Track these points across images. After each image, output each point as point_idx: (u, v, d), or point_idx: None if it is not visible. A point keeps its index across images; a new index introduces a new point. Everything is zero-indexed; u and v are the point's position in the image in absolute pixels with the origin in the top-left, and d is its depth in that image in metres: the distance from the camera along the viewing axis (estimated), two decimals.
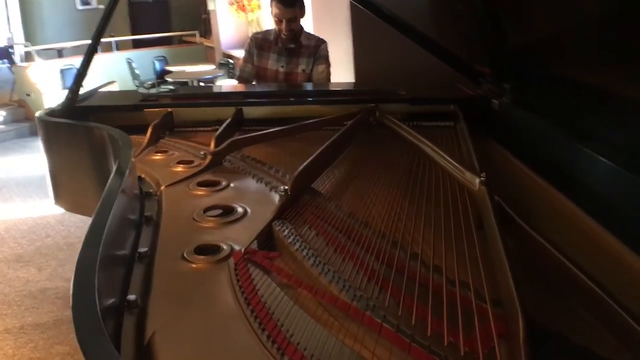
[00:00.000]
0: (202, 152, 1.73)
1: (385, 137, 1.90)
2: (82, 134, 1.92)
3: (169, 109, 2.15)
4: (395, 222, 1.26)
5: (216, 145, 1.73)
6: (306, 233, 1.20)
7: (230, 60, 6.93)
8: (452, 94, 2.11)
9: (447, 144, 1.81)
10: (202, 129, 2.13)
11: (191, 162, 1.72)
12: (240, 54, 7.09)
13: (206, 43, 8.05)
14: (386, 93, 2.16)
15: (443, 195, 1.38)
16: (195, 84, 6.36)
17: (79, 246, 0.96)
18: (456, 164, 1.46)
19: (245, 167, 1.65)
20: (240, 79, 3.00)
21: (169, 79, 6.54)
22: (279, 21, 2.77)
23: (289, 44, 2.87)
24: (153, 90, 7.17)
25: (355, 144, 1.82)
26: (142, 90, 7.08)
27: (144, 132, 2.09)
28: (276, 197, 1.41)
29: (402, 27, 2.02)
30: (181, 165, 1.70)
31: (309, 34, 2.90)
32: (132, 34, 8.88)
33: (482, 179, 1.29)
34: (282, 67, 2.92)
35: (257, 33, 3.01)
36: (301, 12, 2.79)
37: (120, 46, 8.00)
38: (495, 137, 1.79)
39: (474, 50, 1.98)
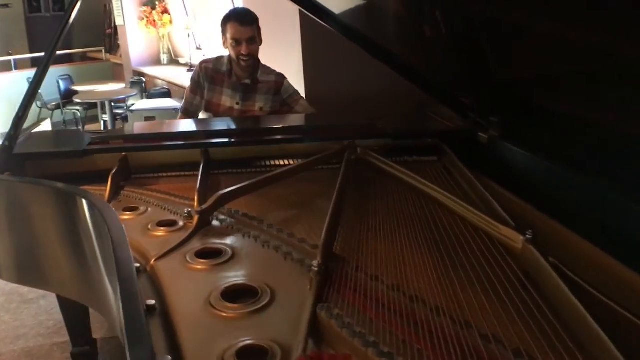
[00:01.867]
0: (186, 210, 1.46)
1: (371, 178, 1.73)
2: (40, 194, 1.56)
3: (123, 153, 1.84)
4: (441, 291, 1.10)
5: (201, 202, 1.47)
6: (356, 316, 1.01)
7: (143, 79, 6.44)
8: (433, 126, 2.00)
9: (438, 181, 1.69)
10: (164, 174, 1.84)
11: (174, 223, 1.44)
12: (153, 71, 6.64)
13: (113, 60, 7.44)
14: (364, 127, 2.00)
15: (478, 252, 1.24)
16: (106, 104, 5.83)
17: None
18: (484, 217, 1.33)
19: (240, 226, 1.41)
20: (186, 113, 2.69)
21: (77, 100, 5.93)
22: (236, 44, 2.50)
23: (245, 79, 2.61)
24: (58, 112, 6.54)
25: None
26: (46, 111, 6.43)
27: (95, 181, 1.77)
28: (295, 268, 1.20)
29: (373, 49, 1.85)
30: (163, 229, 1.41)
31: (265, 67, 2.66)
32: (31, 52, 7.97)
33: (528, 237, 1.17)
34: (238, 104, 2.65)
35: (206, 62, 2.71)
36: (259, 35, 2.55)
37: (18, 65, 7.15)
38: (486, 172, 1.70)
39: (454, 81, 1.87)
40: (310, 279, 1.12)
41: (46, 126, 2.44)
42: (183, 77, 5.99)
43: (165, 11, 6.48)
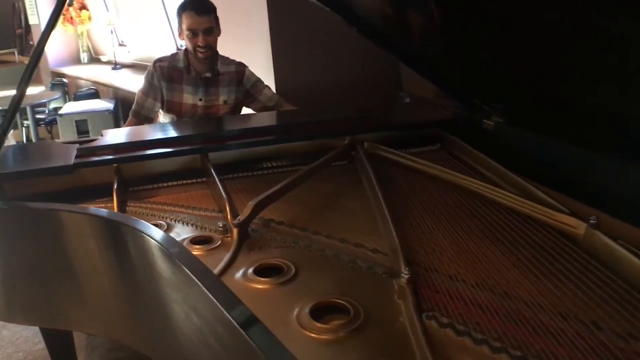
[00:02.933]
0: (220, 224, 1.30)
1: (383, 172, 1.65)
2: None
3: (116, 165, 1.62)
4: (527, 285, 1.05)
5: (233, 212, 1.31)
6: (466, 323, 0.93)
7: (65, 80, 5.89)
8: (431, 115, 1.94)
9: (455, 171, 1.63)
10: (164, 184, 1.64)
11: (209, 239, 1.28)
12: (74, 71, 6.08)
13: (27, 62, 6.70)
14: (364, 120, 1.91)
15: (540, 242, 1.20)
16: (27, 110, 5.26)
17: None
18: (536, 205, 1.30)
19: (283, 236, 1.28)
20: (137, 117, 2.44)
21: None
22: (192, 35, 2.29)
23: (205, 73, 2.42)
24: None
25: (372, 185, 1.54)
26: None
27: (85, 198, 1.56)
28: (369, 277, 1.10)
29: (369, 33, 1.75)
30: (200, 247, 1.25)
31: (224, 57, 2.47)
32: None
33: (592, 222, 1.15)
34: (201, 100, 2.45)
35: (160, 60, 2.46)
36: (217, 25, 2.36)
37: None
38: (497, 159, 1.68)
39: (453, 67, 1.83)
40: (396, 288, 1.04)
41: None
42: (109, 76, 5.55)
43: (83, 7, 5.94)
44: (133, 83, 5.10)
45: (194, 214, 1.42)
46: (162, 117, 2.53)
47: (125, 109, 5.11)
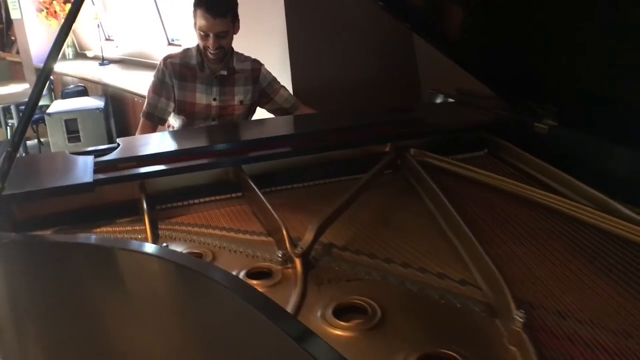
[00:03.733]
0: (280, 254, 1.10)
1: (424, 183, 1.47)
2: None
3: (141, 181, 1.40)
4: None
5: (291, 239, 1.12)
6: None
7: (51, 77, 5.54)
8: (476, 118, 1.77)
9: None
10: (196, 200, 1.43)
11: (268, 272, 1.09)
12: (59, 67, 5.72)
13: (10, 58, 6.31)
14: (405, 122, 1.71)
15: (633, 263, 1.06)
16: (12, 108, 4.93)
17: None
18: (612, 218, 1.14)
19: (353, 266, 1.08)
20: (150, 119, 2.21)
21: None
22: (204, 36, 2.07)
23: (220, 70, 2.20)
24: None
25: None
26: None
27: (104, 218, 1.35)
28: (467, 318, 0.92)
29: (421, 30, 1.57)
30: (259, 282, 1.04)
31: (239, 54, 2.26)
32: None
33: None
34: (215, 99, 2.22)
35: (170, 57, 2.23)
36: (234, 26, 2.13)
37: None
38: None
39: (504, 66, 1.66)
40: (503, 331, 0.87)
41: None
42: (96, 72, 5.24)
43: (67, 0, 5.59)
44: (123, 79, 4.81)
45: (238, 238, 1.22)
46: (172, 120, 2.30)
47: (116, 106, 4.83)
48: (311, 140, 1.59)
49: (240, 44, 2.24)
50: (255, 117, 2.37)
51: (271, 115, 2.37)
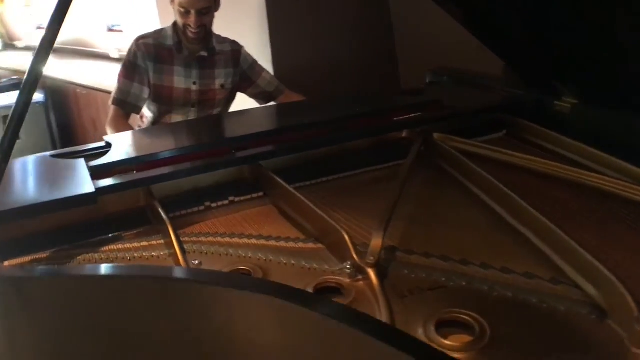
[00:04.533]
0: (347, 265, 0.93)
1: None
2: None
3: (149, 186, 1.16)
4: None
5: (355, 246, 0.94)
6: None
7: None
8: (493, 98, 1.65)
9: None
10: (213, 204, 1.21)
11: (338, 286, 0.90)
12: None
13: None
14: (423, 106, 1.56)
15: None
16: None
17: None
18: None
19: (428, 272, 0.92)
20: (123, 106, 1.94)
21: None
22: (184, 13, 1.83)
23: (200, 51, 1.96)
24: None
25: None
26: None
27: (108, 231, 1.12)
28: (589, 331, 0.79)
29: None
30: (336, 300, 0.87)
31: (217, 35, 2.02)
32: None
33: None
34: (195, 83, 1.99)
35: (143, 37, 1.96)
36: (216, 1, 1.90)
37: None
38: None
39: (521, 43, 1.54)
40: (630, 335, 0.75)
41: None
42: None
43: None
44: (62, 70, 4.33)
45: (281, 247, 1.02)
46: (146, 109, 2.03)
47: (56, 100, 4.36)
48: (331, 129, 1.41)
49: (217, 25, 2.00)
50: (235, 104, 2.15)
51: (253, 102, 2.16)
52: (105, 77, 3.58)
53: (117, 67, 2.01)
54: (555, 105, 1.53)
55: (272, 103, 2.13)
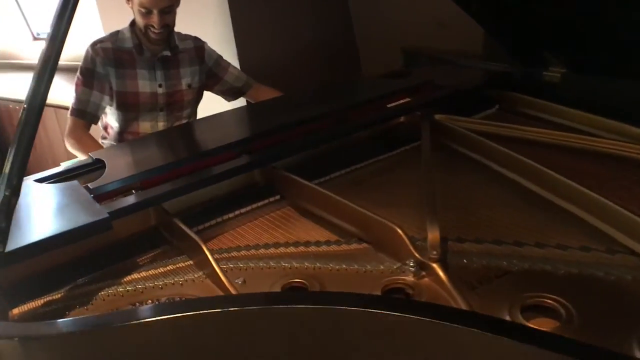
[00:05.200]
0: (410, 263, 0.88)
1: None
2: None
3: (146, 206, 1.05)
4: None
5: (415, 245, 0.88)
6: None
7: None
8: (479, 75, 1.65)
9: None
10: (230, 214, 1.12)
11: (405, 286, 0.85)
12: None
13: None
14: (416, 89, 1.53)
15: None
16: None
17: None
18: None
19: (488, 259, 0.89)
20: (82, 116, 1.77)
21: None
22: (145, 13, 1.69)
23: (162, 51, 1.82)
24: None
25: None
26: None
27: (122, 257, 1.01)
28: None
29: None
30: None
31: (178, 33, 1.88)
32: None
33: None
34: (160, 85, 1.85)
35: (100, 42, 1.78)
36: None
37: None
38: None
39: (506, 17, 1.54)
40: None
41: None
42: None
43: None
44: None
45: (323, 251, 0.96)
46: (110, 118, 1.87)
47: None
48: (334, 121, 1.35)
49: (177, 21, 1.86)
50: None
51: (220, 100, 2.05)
52: None
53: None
54: (545, 75, 1.56)
55: (246, 99, 2.03)
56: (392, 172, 1.29)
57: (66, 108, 1.86)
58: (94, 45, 1.77)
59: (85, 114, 1.78)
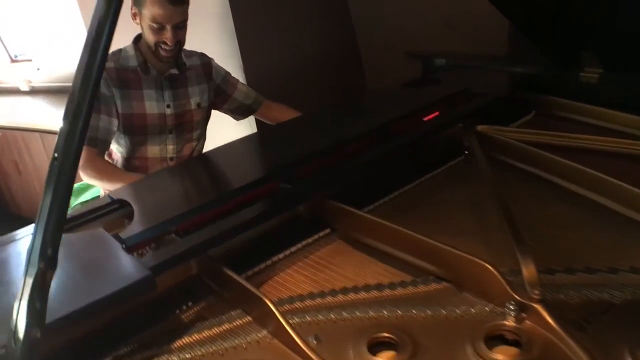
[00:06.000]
0: (510, 305, 0.77)
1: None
2: None
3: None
4: None
5: (511, 284, 0.78)
6: None
7: None
8: (509, 79, 1.57)
9: None
10: (277, 257, 1.00)
11: (509, 332, 0.75)
12: None
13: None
14: (454, 97, 1.43)
15: None
16: None
17: None
18: None
19: (588, 292, 0.80)
20: (95, 144, 1.63)
21: None
22: (158, 29, 1.55)
23: (169, 69, 1.69)
24: None
25: None
26: None
27: (161, 315, 0.89)
28: None
29: None
30: (504, 353, 0.73)
31: (183, 49, 1.75)
32: None
33: None
34: (169, 106, 1.72)
35: None
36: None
37: None
38: None
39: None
40: None
41: None
42: None
43: None
44: None
45: (401, 295, 0.85)
46: (115, 142, 1.73)
47: None
48: (373, 139, 1.24)
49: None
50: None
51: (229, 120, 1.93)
52: (20, 113, 3.08)
53: (31, 101, 1.67)
54: (582, 76, 1.48)
55: (255, 117, 1.92)
56: (442, 192, 1.19)
57: (52, 132, 1.72)
58: None
59: (97, 141, 1.63)
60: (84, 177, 1.62)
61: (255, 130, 2.25)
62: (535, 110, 1.50)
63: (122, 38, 1.71)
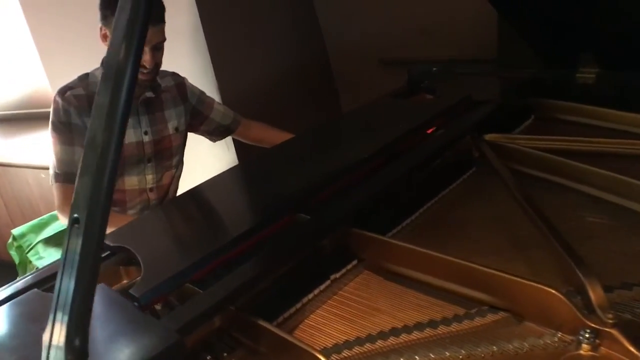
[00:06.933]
0: (586, 333, 0.71)
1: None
2: None
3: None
4: None
5: (580, 310, 0.73)
6: None
7: None
8: (510, 84, 1.54)
9: None
10: (307, 298, 0.91)
11: None
12: None
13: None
14: (457, 106, 1.38)
15: None
16: None
17: None
18: None
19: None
20: (70, 179, 1.48)
21: None
22: None
23: (144, 92, 1.56)
24: None
25: None
26: None
27: None
28: None
29: None
30: None
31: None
32: None
33: None
34: (146, 133, 1.59)
35: (70, 88, 1.50)
36: None
37: None
38: None
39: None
40: None
41: None
42: None
43: None
44: None
45: (457, 332, 0.78)
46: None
47: None
48: (384, 158, 1.18)
49: None
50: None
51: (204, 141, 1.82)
52: None
53: None
54: (579, 77, 1.47)
55: (234, 137, 1.82)
56: (461, 208, 1.13)
57: (9, 165, 1.56)
58: (63, 93, 1.49)
59: (72, 177, 1.48)
60: (63, 219, 1.47)
61: (233, 151, 2.14)
62: (534, 115, 1.48)
63: (85, 62, 1.58)
